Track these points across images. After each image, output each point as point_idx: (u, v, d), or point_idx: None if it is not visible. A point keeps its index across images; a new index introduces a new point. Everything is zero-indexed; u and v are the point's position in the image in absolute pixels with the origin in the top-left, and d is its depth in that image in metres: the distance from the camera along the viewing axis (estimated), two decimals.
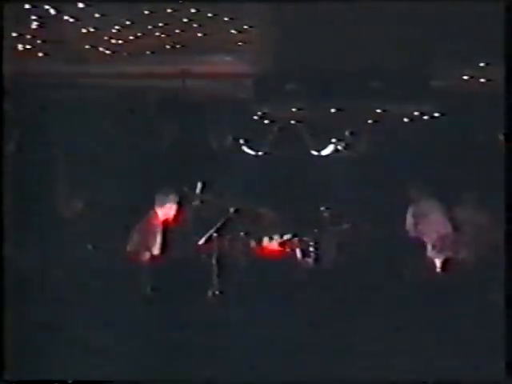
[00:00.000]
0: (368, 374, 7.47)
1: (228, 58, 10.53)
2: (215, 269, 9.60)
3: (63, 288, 9.42)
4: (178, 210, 9.90)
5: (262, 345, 7.93)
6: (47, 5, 8.54)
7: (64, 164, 11.67)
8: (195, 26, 9.16)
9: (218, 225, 9.80)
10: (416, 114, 11.38)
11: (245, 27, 9.24)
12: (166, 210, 9.89)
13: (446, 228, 10.90)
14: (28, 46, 9.72)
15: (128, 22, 9.06)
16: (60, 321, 8.43)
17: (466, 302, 9.12)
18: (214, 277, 9.57)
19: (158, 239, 9.74)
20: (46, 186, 11.33)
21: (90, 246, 10.55)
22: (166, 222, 9.83)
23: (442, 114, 11.23)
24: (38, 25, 9.02)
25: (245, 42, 9.71)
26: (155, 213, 9.89)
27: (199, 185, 10.09)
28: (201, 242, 9.75)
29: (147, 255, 9.72)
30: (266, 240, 11.17)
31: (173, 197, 9.91)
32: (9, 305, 7.38)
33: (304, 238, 11.10)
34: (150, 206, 9.91)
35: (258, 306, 8.99)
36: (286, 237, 11.17)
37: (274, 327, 8.36)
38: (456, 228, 10.88)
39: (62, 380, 7.08)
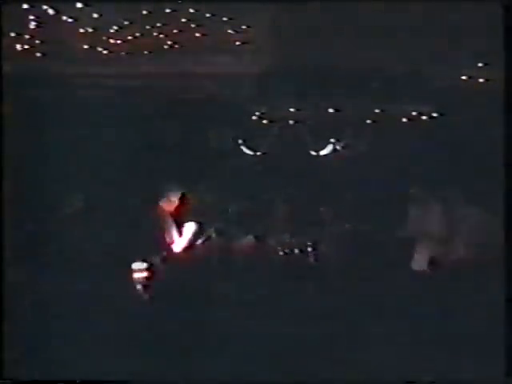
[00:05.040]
0: (368, 373, 7.47)
1: (227, 58, 10.53)
2: (214, 269, 9.61)
3: (63, 288, 9.42)
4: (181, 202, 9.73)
5: (261, 345, 7.94)
6: (45, 5, 8.54)
7: (63, 164, 11.65)
8: (194, 26, 9.17)
9: (217, 225, 9.80)
10: (414, 114, 11.39)
11: (244, 27, 9.25)
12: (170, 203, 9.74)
13: (443, 227, 10.93)
14: (26, 46, 9.71)
15: (126, 22, 9.06)
16: (60, 321, 8.44)
17: (466, 301, 9.12)
18: (214, 277, 9.57)
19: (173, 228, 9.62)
20: (43, 185, 11.32)
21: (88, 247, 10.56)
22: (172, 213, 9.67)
23: (441, 114, 11.25)
24: (36, 25, 9.02)
25: (244, 42, 9.71)
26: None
27: (198, 186, 10.09)
28: (199, 241, 9.75)
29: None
30: (263, 239, 11.17)
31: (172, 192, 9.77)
32: (8, 305, 7.40)
33: (302, 238, 11.09)
34: (149, 205, 9.89)
35: (258, 306, 8.99)
36: (284, 237, 11.17)
37: (273, 327, 8.37)
38: (456, 227, 10.92)
39: (61, 380, 7.08)
